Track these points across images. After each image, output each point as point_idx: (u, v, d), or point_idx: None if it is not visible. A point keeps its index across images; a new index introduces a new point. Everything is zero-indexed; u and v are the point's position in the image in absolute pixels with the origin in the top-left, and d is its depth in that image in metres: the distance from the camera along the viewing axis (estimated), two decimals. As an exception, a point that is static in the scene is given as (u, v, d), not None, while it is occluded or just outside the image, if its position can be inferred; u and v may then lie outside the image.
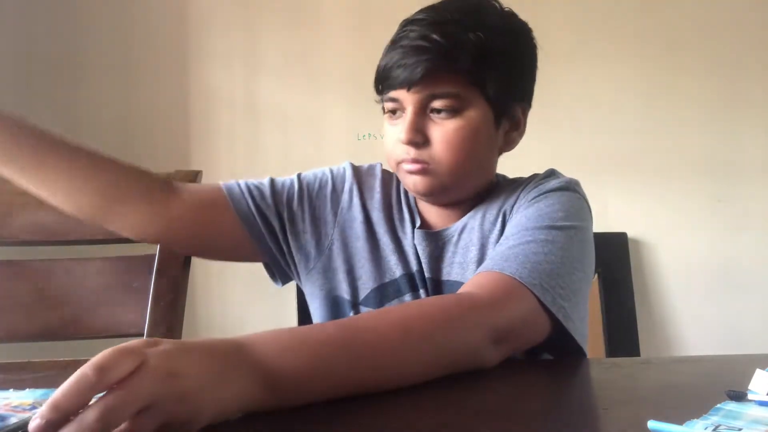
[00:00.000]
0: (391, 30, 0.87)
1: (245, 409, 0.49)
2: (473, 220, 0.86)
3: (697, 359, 0.75)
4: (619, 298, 2.03)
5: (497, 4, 0.85)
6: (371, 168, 0.95)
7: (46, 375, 0.69)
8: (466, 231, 0.85)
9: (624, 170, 2.11)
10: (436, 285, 0.85)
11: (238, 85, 2.11)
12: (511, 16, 0.86)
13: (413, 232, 0.87)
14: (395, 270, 0.86)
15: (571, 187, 0.85)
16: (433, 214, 0.89)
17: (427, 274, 0.85)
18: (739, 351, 0.77)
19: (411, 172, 0.82)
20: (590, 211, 0.86)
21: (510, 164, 0.96)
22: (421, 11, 0.82)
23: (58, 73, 2.06)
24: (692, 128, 2.12)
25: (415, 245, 0.86)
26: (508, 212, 0.84)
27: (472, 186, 0.86)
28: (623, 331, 2.01)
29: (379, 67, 0.83)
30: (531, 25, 0.89)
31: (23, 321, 0.96)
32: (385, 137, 0.85)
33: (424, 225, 0.89)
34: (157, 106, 2.09)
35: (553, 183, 0.84)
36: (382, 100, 0.84)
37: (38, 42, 2.04)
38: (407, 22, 0.82)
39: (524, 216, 0.79)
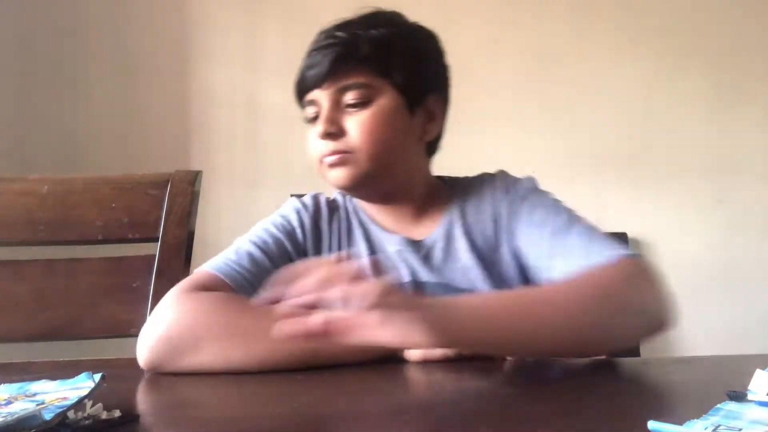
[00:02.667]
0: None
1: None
2: (456, 227, 0.87)
3: (697, 359, 0.75)
4: (619, 298, 2.03)
5: (401, 15, 0.90)
6: (330, 199, 0.94)
7: (47, 375, 0.69)
8: (453, 237, 0.87)
9: (624, 170, 2.11)
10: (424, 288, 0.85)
11: (239, 85, 2.11)
12: (416, 23, 0.91)
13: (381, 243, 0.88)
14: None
15: (538, 185, 0.90)
16: (390, 221, 0.90)
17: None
18: (739, 351, 0.77)
19: (332, 165, 0.84)
20: None
21: (510, 162, 0.96)
22: (330, 23, 0.88)
23: (58, 74, 2.06)
24: (692, 128, 2.12)
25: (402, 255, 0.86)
26: (497, 219, 0.86)
27: (396, 173, 0.87)
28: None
29: (295, 77, 0.87)
30: (532, 26, 0.91)
31: (23, 321, 0.96)
32: (309, 142, 0.87)
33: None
34: (158, 106, 2.09)
35: (525, 183, 0.89)
36: (303, 109, 0.88)
37: (38, 42, 2.04)
38: (319, 32, 0.88)
39: (537, 215, 0.84)
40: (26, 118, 2.04)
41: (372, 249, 0.88)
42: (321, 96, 0.84)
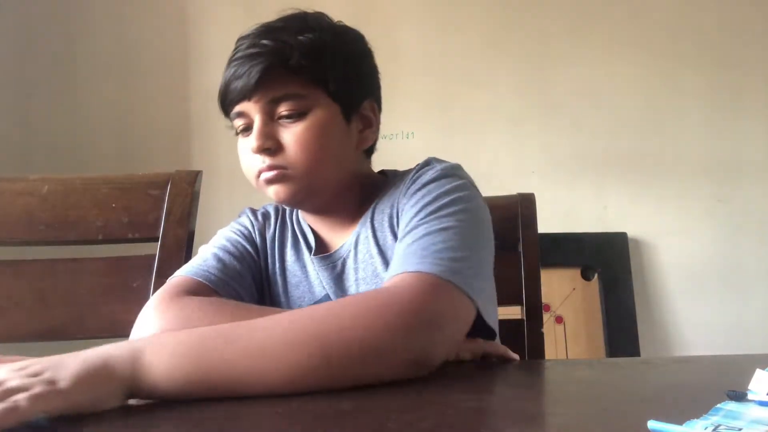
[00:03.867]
0: (389, 33, 0.88)
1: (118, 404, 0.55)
2: (365, 229, 0.83)
3: (696, 359, 0.75)
4: (619, 298, 2.03)
5: (326, 16, 0.85)
6: (263, 211, 0.93)
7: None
8: (361, 243, 0.83)
9: (624, 170, 2.12)
10: None
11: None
12: (342, 25, 0.86)
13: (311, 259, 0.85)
14: (305, 297, 0.85)
15: (449, 173, 0.81)
16: (325, 230, 0.87)
17: (333, 297, 0.82)
18: (739, 351, 0.77)
19: (270, 181, 0.80)
20: (476, 189, 0.83)
21: (510, 162, 0.96)
22: (252, 27, 0.83)
23: (59, 74, 2.06)
24: (693, 128, 2.12)
25: (317, 271, 0.85)
26: (395, 215, 0.82)
27: (336, 185, 0.83)
28: (623, 331, 2.01)
29: (219, 88, 0.82)
30: (532, 27, 0.90)
31: (23, 321, 0.96)
32: (240, 157, 0.83)
33: (322, 246, 0.87)
34: (158, 107, 2.09)
35: (430, 174, 0.81)
36: (231, 120, 0.83)
37: (38, 43, 2.05)
38: (239, 39, 0.82)
39: (411, 212, 0.76)
40: (27, 118, 2.04)
41: (300, 262, 0.86)
42: (250, 108, 0.79)
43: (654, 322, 2.09)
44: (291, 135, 0.78)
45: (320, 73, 0.79)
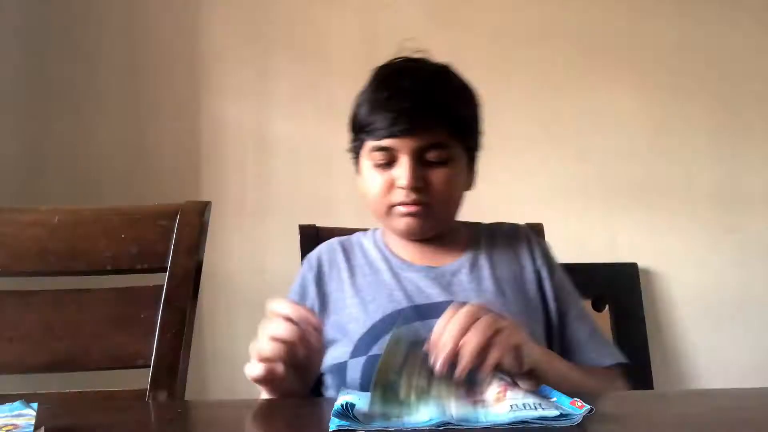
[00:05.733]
0: (395, 56, 0.90)
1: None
2: (481, 257, 0.97)
3: (713, 392, 0.74)
4: (631, 329, 2.00)
5: (451, 68, 0.96)
6: (328, 247, 1.03)
7: (53, 407, 0.69)
8: (477, 266, 0.96)
9: (633, 199, 2.11)
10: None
11: (249, 118, 2.13)
12: (466, 80, 0.97)
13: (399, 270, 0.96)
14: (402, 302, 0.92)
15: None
16: (424, 252, 0.98)
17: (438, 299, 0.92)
18: (752, 383, 0.75)
19: (410, 214, 0.90)
20: None
21: (518, 192, 0.97)
22: (397, 60, 0.94)
23: (69, 106, 2.09)
24: (702, 158, 2.11)
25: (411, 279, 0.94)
26: (533, 263, 0.99)
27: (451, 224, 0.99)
28: (635, 362, 1.97)
29: (362, 115, 0.91)
30: (540, 56, 0.95)
31: (30, 352, 0.96)
32: (369, 183, 0.92)
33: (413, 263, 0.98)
34: (169, 138, 2.11)
35: (547, 243, 1.03)
36: (357, 147, 0.94)
37: (49, 73, 2.08)
38: (382, 68, 0.93)
39: (568, 289, 1.00)
40: (38, 149, 2.06)
41: (396, 278, 0.94)
42: (399, 146, 0.88)
43: (667, 353, 2.06)
44: (437, 178, 0.90)
45: (463, 129, 0.92)
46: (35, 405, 0.60)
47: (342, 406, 0.57)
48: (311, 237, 1.14)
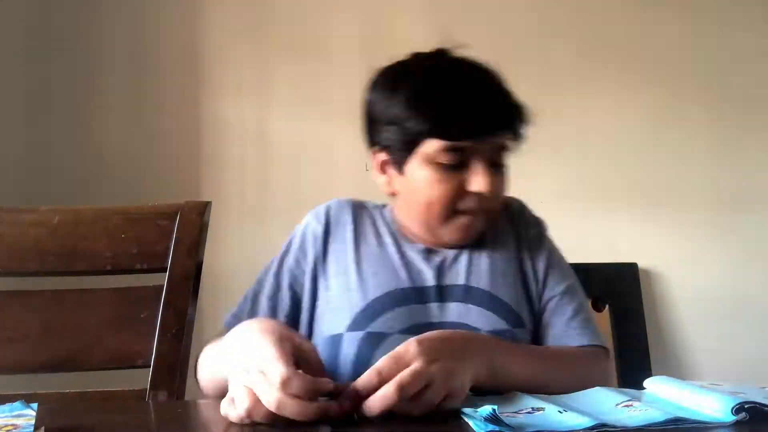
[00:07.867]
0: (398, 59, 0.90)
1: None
2: (483, 245, 0.93)
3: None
4: (631, 329, 2.00)
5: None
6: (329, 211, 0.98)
7: (53, 407, 0.69)
8: (475, 257, 0.92)
9: (633, 200, 2.11)
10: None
11: (249, 117, 2.13)
12: None
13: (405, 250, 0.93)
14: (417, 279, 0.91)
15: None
16: (414, 234, 0.94)
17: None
18: (755, 383, 0.75)
19: (478, 220, 0.87)
20: None
21: (518, 192, 0.97)
22: (451, 58, 0.91)
23: (69, 105, 2.09)
24: (702, 158, 2.11)
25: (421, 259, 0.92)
26: (525, 248, 0.95)
27: None
28: (636, 362, 1.97)
29: (422, 110, 0.83)
30: (541, 57, 0.94)
31: (30, 352, 0.96)
32: (430, 185, 0.85)
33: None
34: (170, 138, 2.11)
35: (543, 226, 1.00)
36: (405, 145, 0.85)
37: (49, 73, 2.08)
38: (452, 68, 0.89)
39: (558, 270, 0.94)
40: (38, 149, 2.06)
41: (401, 256, 0.91)
42: (477, 148, 0.83)
43: (667, 353, 2.06)
44: (500, 183, 0.88)
45: (519, 132, 0.89)
46: (35, 405, 0.60)
47: (492, 410, 0.54)
48: (311, 237, 1.14)
